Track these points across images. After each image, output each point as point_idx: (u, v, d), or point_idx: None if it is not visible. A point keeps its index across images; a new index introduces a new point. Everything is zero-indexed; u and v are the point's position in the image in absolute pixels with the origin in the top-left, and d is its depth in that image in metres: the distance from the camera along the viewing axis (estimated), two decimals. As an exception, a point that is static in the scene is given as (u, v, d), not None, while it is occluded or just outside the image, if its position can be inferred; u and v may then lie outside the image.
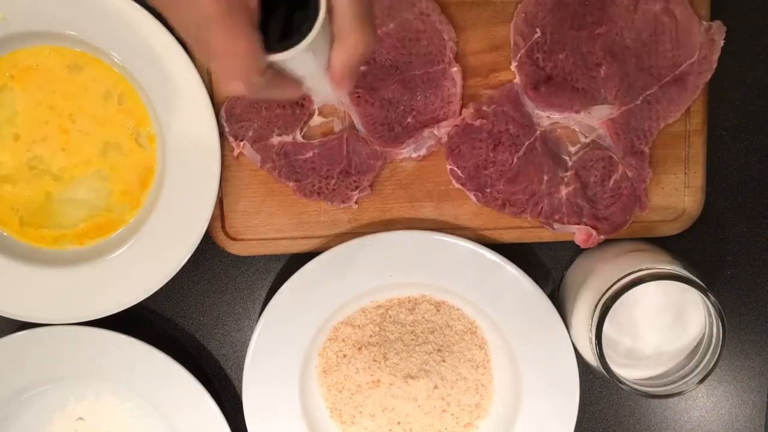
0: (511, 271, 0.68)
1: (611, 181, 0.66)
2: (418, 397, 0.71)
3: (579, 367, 0.69)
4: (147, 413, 0.72)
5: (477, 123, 0.66)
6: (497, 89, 0.67)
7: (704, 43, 0.65)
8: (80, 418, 0.72)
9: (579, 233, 0.67)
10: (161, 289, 0.67)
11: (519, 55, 0.65)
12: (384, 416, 0.71)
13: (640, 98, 0.66)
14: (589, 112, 0.66)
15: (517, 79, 0.66)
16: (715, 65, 0.65)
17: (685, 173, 0.69)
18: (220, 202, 0.69)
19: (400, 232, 0.68)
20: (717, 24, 0.65)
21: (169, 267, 0.66)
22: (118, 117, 0.66)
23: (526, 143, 0.66)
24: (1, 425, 0.70)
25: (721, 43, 0.65)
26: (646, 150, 0.67)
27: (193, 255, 0.66)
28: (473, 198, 0.68)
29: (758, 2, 0.69)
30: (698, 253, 0.71)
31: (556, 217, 0.67)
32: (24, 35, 0.64)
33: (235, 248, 0.70)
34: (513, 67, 0.66)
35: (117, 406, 0.72)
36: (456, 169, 0.67)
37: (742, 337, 0.73)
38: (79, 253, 0.68)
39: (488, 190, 0.67)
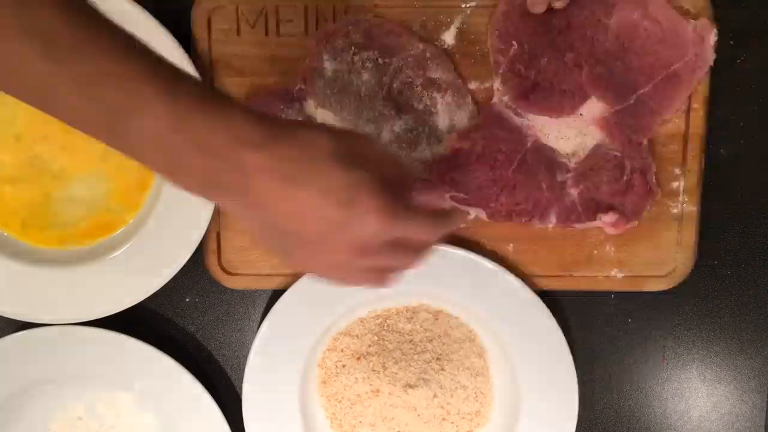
0: (509, 279, 0.68)
1: (624, 178, 0.67)
2: (418, 406, 0.71)
3: (578, 374, 0.69)
4: (147, 413, 0.72)
5: (466, 147, 0.66)
6: (480, 114, 0.67)
7: (695, 40, 0.65)
8: (80, 418, 0.72)
9: (607, 219, 0.67)
10: (161, 289, 0.67)
11: (501, 70, 0.66)
12: (384, 426, 0.71)
13: (633, 97, 0.66)
14: (581, 114, 0.66)
15: (497, 98, 0.66)
16: (709, 62, 0.65)
17: (678, 231, 0.69)
18: (217, 237, 0.69)
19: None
20: (703, 21, 0.65)
21: (168, 267, 0.66)
22: None
23: (518, 157, 0.67)
24: (1, 425, 0.70)
25: (712, 39, 0.65)
26: (644, 141, 0.67)
27: (193, 255, 0.66)
28: (482, 215, 0.68)
29: (759, 2, 0.69)
30: (698, 253, 0.71)
31: (572, 217, 0.67)
32: None
33: (231, 282, 0.70)
34: (497, 84, 0.66)
35: (117, 406, 0.72)
36: (457, 194, 0.67)
37: (743, 337, 0.73)
38: (79, 253, 0.68)
39: (492, 205, 0.67)
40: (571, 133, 0.67)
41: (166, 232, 0.66)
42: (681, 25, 0.65)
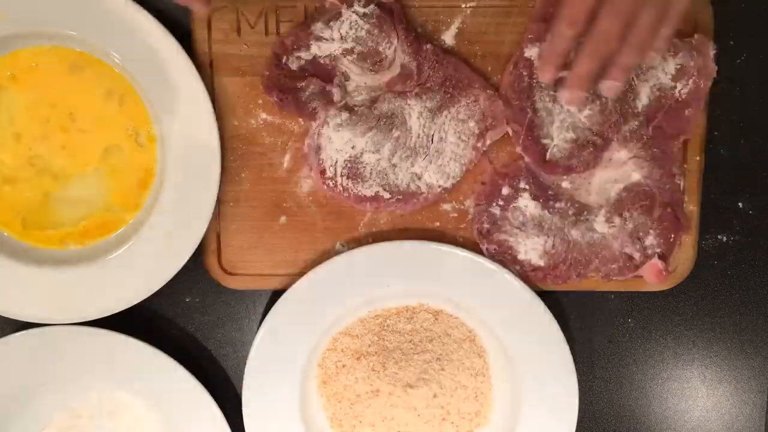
0: (509, 279, 0.68)
1: (654, 215, 0.67)
2: (418, 406, 0.71)
3: (578, 374, 0.69)
4: (147, 413, 0.72)
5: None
6: (507, 169, 0.68)
7: (694, 55, 0.65)
8: (79, 417, 0.72)
9: (650, 273, 0.67)
10: (161, 289, 0.67)
11: (521, 139, 0.66)
12: (384, 426, 0.71)
13: (650, 127, 0.66)
14: (608, 159, 0.66)
15: (522, 160, 0.67)
16: (712, 74, 0.66)
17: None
18: (217, 237, 0.69)
19: (398, 242, 0.68)
20: (699, 37, 0.65)
21: (169, 267, 0.66)
22: (119, 117, 0.66)
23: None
24: (1, 425, 0.70)
25: (711, 52, 0.65)
26: (677, 174, 0.67)
27: (193, 255, 0.66)
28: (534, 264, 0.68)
29: (759, 2, 0.69)
30: (699, 253, 0.71)
31: (615, 270, 0.68)
32: (25, 35, 0.64)
33: (231, 282, 0.70)
34: (519, 150, 0.66)
35: (117, 406, 0.72)
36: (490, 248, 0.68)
37: (743, 337, 0.73)
38: (80, 253, 0.68)
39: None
40: (599, 181, 0.67)
41: (166, 232, 0.66)
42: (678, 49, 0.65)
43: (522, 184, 0.67)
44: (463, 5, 0.67)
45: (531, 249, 0.67)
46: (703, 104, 0.67)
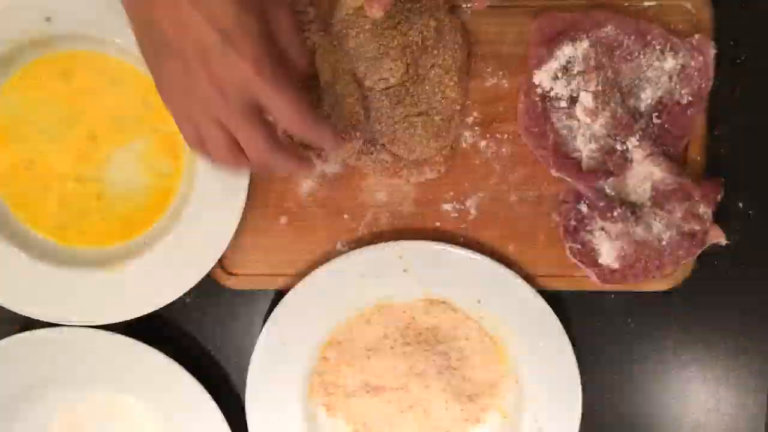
0: (510, 279, 0.68)
1: (688, 204, 0.67)
2: (419, 403, 0.71)
3: (581, 375, 0.69)
4: (147, 414, 0.72)
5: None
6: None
7: (694, 55, 0.65)
8: (80, 418, 0.72)
9: (716, 238, 0.68)
10: (161, 289, 0.67)
11: (552, 161, 0.66)
12: (387, 425, 0.72)
13: (656, 126, 0.66)
14: (632, 160, 0.67)
15: (566, 178, 0.67)
16: (711, 75, 0.66)
17: None
18: None
19: (398, 242, 0.68)
20: (700, 37, 0.66)
21: (191, 275, 0.67)
22: (154, 124, 0.66)
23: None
24: (3, 424, 0.71)
25: (712, 53, 0.65)
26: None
27: (193, 255, 0.67)
28: (594, 277, 0.68)
29: (759, 2, 0.69)
30: (699, 254, 0.71)
31: (681, 253, 0.68)
32: (66, 37, 0.64)
33: (231, 282, 0.70)
34: (554, 173, 0.67)
35: (118, 407, 0.72)
36: (573, 244, 0.68)
37: (743, 337, 0.73)
38: (98, 256, 0.68)
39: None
40: (632, 182, 0.68)
41: (190, 240, 0.66)
42: (677, 46, 0.66)
43: (583, 207, 0.67)
44: (464, 5, 0.67)
45: (607, 253, 0.67)
46: (704, 104, 0.67)
